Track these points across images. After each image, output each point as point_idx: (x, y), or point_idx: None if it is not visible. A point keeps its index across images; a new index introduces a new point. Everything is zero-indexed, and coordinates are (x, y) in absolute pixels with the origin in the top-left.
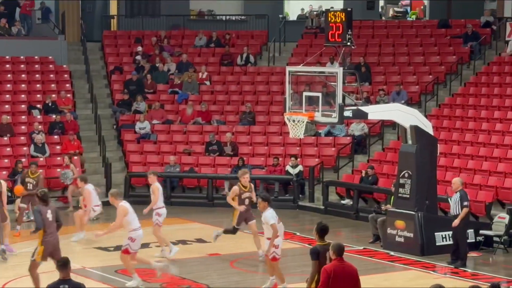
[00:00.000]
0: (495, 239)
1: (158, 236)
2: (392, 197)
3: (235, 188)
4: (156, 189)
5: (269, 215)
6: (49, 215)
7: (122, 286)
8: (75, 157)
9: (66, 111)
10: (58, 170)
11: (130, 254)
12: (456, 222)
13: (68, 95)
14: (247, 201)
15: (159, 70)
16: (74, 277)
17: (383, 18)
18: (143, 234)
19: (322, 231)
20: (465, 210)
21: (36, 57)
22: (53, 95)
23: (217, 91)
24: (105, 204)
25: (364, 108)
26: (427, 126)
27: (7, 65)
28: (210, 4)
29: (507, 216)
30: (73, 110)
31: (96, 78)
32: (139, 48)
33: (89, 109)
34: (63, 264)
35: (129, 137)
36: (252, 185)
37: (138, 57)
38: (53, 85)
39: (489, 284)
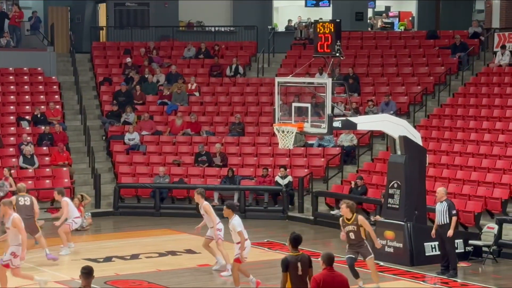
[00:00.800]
0: (484, 249)
1: (221, 250)
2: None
3: (341, 220)
4: (208, 207)
5: (236, 222)
6: None
7: None
8: (13, 171)
9: (55, 122)
10: None
11: (10, 269)
12: (450, 233)
13: (57, 107)
14: (352, 235)
15: (148, 81)
16: None
17: (369, 29)
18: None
19: (295, 240)
20: (455, 218)
21: (25, 68)
22: (42, 107)
23: (206, 102)
24: (94, 215)
25: (353, 119)
26: (416, 137)
27: None
28: (199, 15)
29: (496, 226)
30: (62, 121)
31: (85, 89)
32: (128, 59)
33: (78, 120)
34: (87, 273)
35: (118, 148)
36: (361, 217)
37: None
38: (42, 97)
39: None
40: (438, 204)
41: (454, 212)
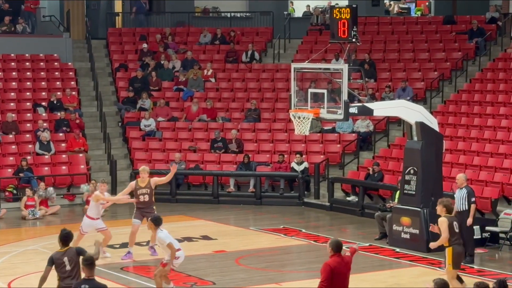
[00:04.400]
0: (501, 235)
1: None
2: (397, 193)
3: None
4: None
5: (163, 235)
6: None
7: (128, 284)
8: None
9: (71, 108)
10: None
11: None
12: (470, 221)
13: (73, 93)
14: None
15: (164, 67)
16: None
17: (388, 13)
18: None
19: (64, 238)
20: (473, 206)
21: (41, 54)
22: (58, 93)
23: (222, 88)
24: None
25: (369, 105)
26: (433, 123)
27: (12, 63)
28: (214, 1)
29: None
30: (78, 108)
31: (101, 75)
32: (144, 46)
33: (94, 107)
34: (89, 264)
35: (134, 135)
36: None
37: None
38: (58, 83)
39: (495, 281)
40: (458, 190)
41: (473, 199)
